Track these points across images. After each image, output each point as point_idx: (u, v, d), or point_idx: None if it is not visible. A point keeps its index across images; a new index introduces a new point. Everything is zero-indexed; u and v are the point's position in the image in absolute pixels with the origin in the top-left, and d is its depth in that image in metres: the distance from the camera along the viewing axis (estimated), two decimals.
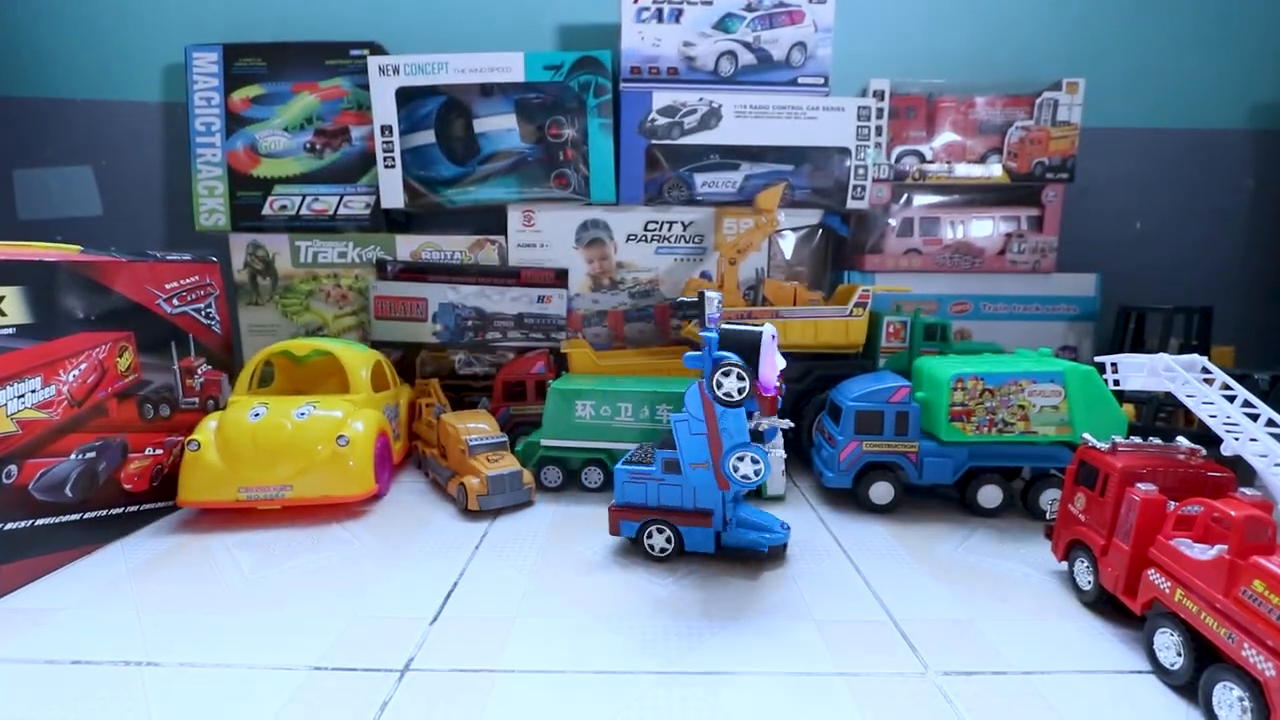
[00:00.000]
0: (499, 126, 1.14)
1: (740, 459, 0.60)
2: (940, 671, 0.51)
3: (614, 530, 0.70)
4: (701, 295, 0.66)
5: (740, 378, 0.58)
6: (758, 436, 0.65)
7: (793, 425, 0.75)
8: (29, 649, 0.54)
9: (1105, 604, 0.59)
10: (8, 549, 0.63)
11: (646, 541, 0.68)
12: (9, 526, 0.63)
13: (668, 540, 0.68)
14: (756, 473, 0.60)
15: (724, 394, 0.59)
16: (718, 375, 0.59)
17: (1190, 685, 0.48)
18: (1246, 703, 0.43)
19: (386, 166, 1.11)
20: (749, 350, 0.62)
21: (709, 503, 0.67)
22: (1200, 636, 0.48)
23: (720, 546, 0.68)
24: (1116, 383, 0.65)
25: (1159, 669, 0.51)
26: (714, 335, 0.62)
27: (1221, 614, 0.46)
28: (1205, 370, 0.61)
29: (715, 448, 0.61)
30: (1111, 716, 0.47)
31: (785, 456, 0.88)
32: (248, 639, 0.55)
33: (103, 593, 0.63)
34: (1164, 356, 0.61)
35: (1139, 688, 0.50)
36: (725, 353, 0.61)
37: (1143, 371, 0.62)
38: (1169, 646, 0.50)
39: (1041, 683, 0.50)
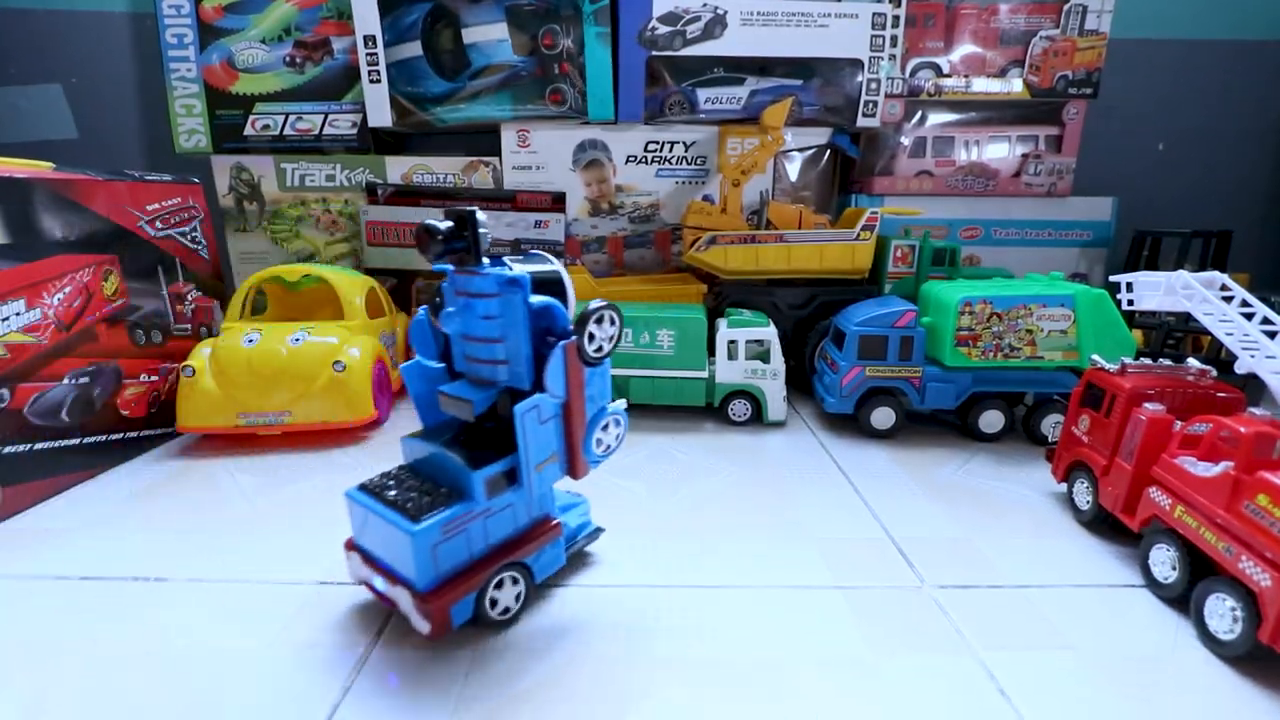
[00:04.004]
0: (490, 37, 1.07)
1: (604, 427, 0.47)
2: (936, 585, 0.52)
3: (440, 629, 0.43)
4: (468, 218, 0.43)
5: (613, 321, 0.45)
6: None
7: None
8: (38, 566, 0.55)
9: (1102, 523, 0.60)
10: (9, 472, 0.63)
11: (491, 611, 0.46)
12: (7, 450, 0.63)
13: (518, 594, 0.48)
14: (618, 438, 0.48)
15: (595, 350, 0.45)
16: (590, 326, 0.44)
17: (1182, 598, 0.49)
18: (1238, 613, 0.44)
19: (372, 81, 1.05)
20: (561, 293, 0.47)
21: (545, 507, 0.50)
22: (1195, 551, 0.49)
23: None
24: (1131, 303, 0.63)
25: (1152, 583, 0.52)
26: (524, 275, 0.44)
27: (1221, 528, 0.46)
28: (1224, 288, 0.59)
29: (576, 426, 0.45)
30: (1103, 626, 0.48)
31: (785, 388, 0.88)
32: (254, 557, 0.56)
33: (108, 515, 0.64)
34: (1182, 274, 0.59)
35: (1131, 600, 0.51)
36: (545, 299, 0.45)
37: (1159, 290, 0.60)
38: (1164, 561, 0.51)
39: (1035, 595, 0.51)
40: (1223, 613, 0.45)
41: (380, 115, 1.07)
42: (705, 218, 1.02)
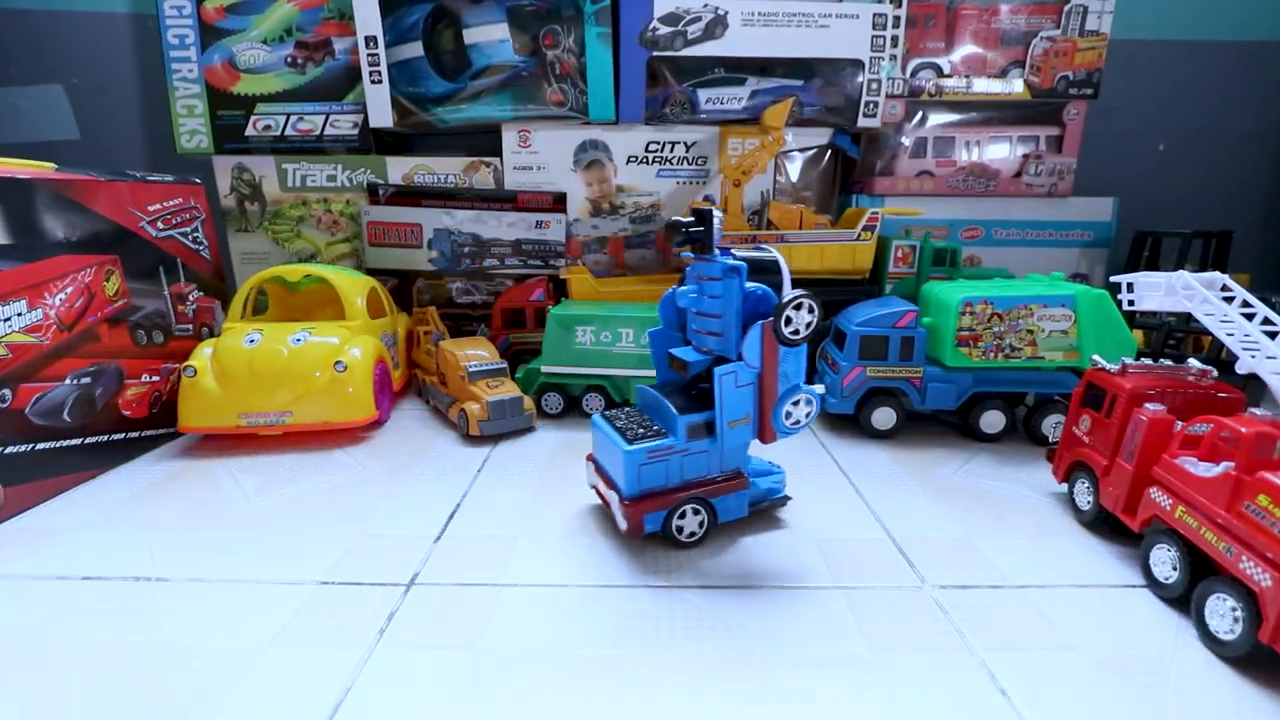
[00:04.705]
0: (491, 37, 1.07)
1: (795, 403, 0.53)
2: (937, 585, 0.52)
3: (636, 529, 0.55)
4: (705, 215, 0.55)
5: (811, 310, 0.51)
6: None
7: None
8: (39, 566, 0.55)
9: (1102, 523, 0.60)
10: (10, 472, 0.63)
11: (677, 533, 0.57)
12: (9, 450, 0.63)
13: (700, 522, 0.58)
14: (808, 415, 0.54)
15: (791, 332, 0.51)
16: (788, 310, 0.50)
17: (1183, 598, 0.49)
18: (1239, 613, 0.44)
19: (373, 82, 1.05)
20: (774, 278, 0.54)
21: (737, 462, 0.59)
22: (1195, 551, 0.49)
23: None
24: (1131, 303, 0.63)
25: (1153, 583, 0.52)
26: (742, 264, 0.53)
27: (1222, 528, 0.46)
28: (1225, 289, 0.59)
29: (768, 396, 0.53)
30: (1104, 626, 0.48)
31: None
32: (255, 556, 0.56)
33: (109, 514, 0.64)
34: (1183, 274, 0.59)
35: (1131, 600, 0.51)
36: (759, 284, 0.53)
37: (1159, 290, 0.60)
38: (1165, 561, 0.51)
39: (1036, 595, 0.51)
40: (1223, 613, 0.45)
41: (381, 116, 1.07)
42: None
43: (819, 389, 0.54)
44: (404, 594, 0.51)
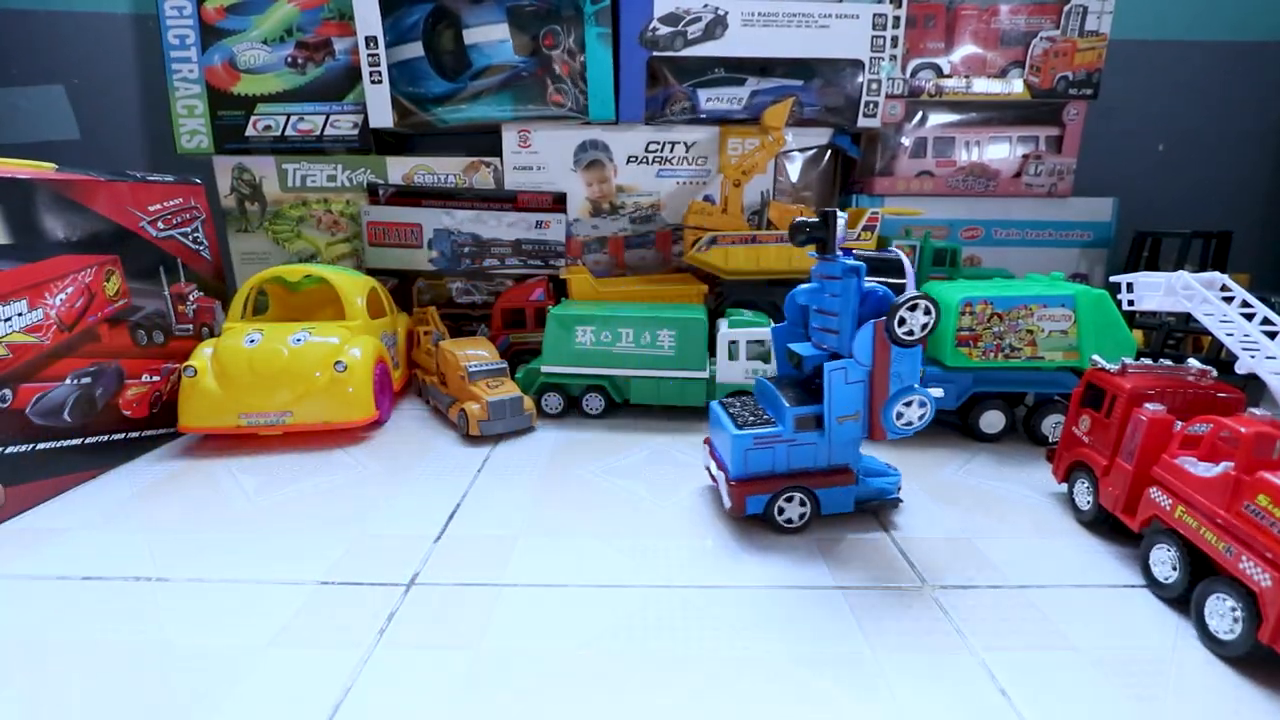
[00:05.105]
0: (491, 38, 1.07)
1: (908, 404, 0.53)
2: (937, 585, 0.52)
3: (739, 509, 0.59)
4: (829, 216, 0.56)
5: (927, 311, 0.51)
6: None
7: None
8: (40, 566, 0.55)
9: (1102, 523, 0.60)
10: (11, 472, 0.63)
11: (778, 516, 0.59)
12: (10, 450, 0.63)
13: (803, 506, 0.60)
14: (921, 417, 0.54)
15: (905, 332, 0.51)
16: (902, 311, 0.51)
17: (1183, 598, 0.49)
18: (1239, 613, 0.44)
19: (373, 82, 1.05)
20: (897, 279, 0.54)
21: (846, 457, 0.60)
22: (1195, 552, 0.49)
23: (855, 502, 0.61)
24: (1131, 303, 0.63)
25: (1153, 583, 0.52)
26: (861, 264, 0.53)
27: (1221, 529, 0.46)
28: (1224, 289, 0.59)
29: (879, 395, 0.53)
30: (1103, 626, 0.48)
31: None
32: (255, 556, 0.56)
33: (110, 514, 0.64)
34: (1182, 274, 0.59)
35: (1131, 600, 0.51)
36: (878, 283, 0.53)
37: (1159, 290, 0.60)
38: (1165, 561, 0.51)
39: (1036, 595, 0.51)
40: (1223, 613, 0.45)
41: (381, 116, 1.07)
42: (706, 218, 1.02)
43: (936, 392, 0.54)
44: (404, 594, 0.51)
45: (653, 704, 0.40)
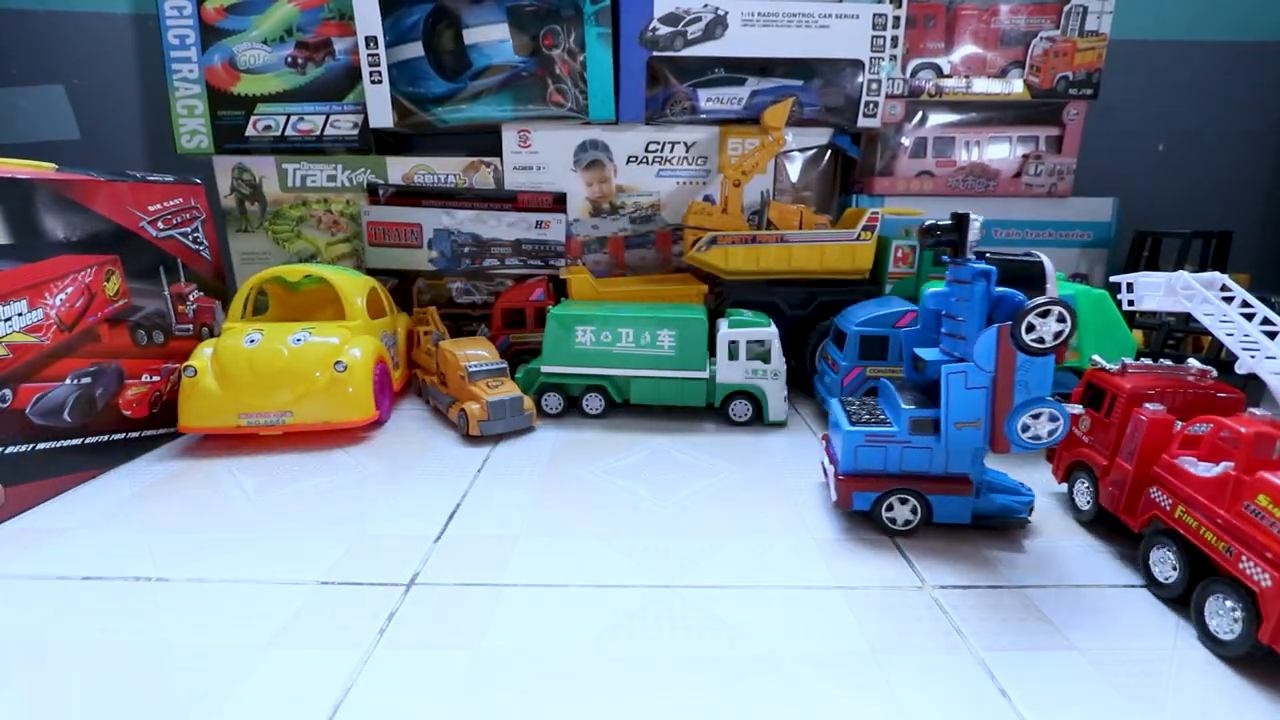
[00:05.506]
0: (491, 38, 1.07)
1: (1035, 416, 0.51)
2: (937, 585, 0.52)
3: (845, 503, 0.59)
4: (962, 219, 0.54)
5: (1061, 319, 0.48)
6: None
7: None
8: (40, 566, 0.55)
9: (1102, 523, 0.60)
10: (11, 472, 0.63)
11: (885, 515, 0.59)
12: (10, 450, 0.63)
13: (913, 511, 0.58)
14: (1051, 433, 0.51)
15: (1034, 340, 0.49)
16: (1031, 317, 0.49)
17: (1182, 598, 0.49)
18: (1239, 613, 0.44)
19: (373, 82, 1.05)
20: (1032, 284, 0.52)
21: (964, 467, 0.57)
22: (1195, 551, 0.49)
23: (974, 516, 0.59)
24: (1131, 303, 0.63)
25: (1153, 583, 0.52)
26: (991, 269, 0.52)
27: (1221, 528, 0.46)
28: (1224, 289, 0.59)
29: (1002, 404, 0.51)
30: (1103, 626, 0.48)
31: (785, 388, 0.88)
32: (255, 556, 0.56)
33: (110, 514, 0.64)
34: (1183, 274, 0.59)
35: (1132, 600, 0.51)
36: (1010, 289, 0.52)
37: (1159, 290, 0.60)
38: (1165, 561, 0.51)
39: (1035, 595, 0.51)
40: (1223, 613, 0.45)
41: (381, 116, 1.07)
42: (706, 218, 1.02)
43: (1074, 408, 0.52)
44: (404, 594, 0.51)
45: (653, 704, 0.40)
